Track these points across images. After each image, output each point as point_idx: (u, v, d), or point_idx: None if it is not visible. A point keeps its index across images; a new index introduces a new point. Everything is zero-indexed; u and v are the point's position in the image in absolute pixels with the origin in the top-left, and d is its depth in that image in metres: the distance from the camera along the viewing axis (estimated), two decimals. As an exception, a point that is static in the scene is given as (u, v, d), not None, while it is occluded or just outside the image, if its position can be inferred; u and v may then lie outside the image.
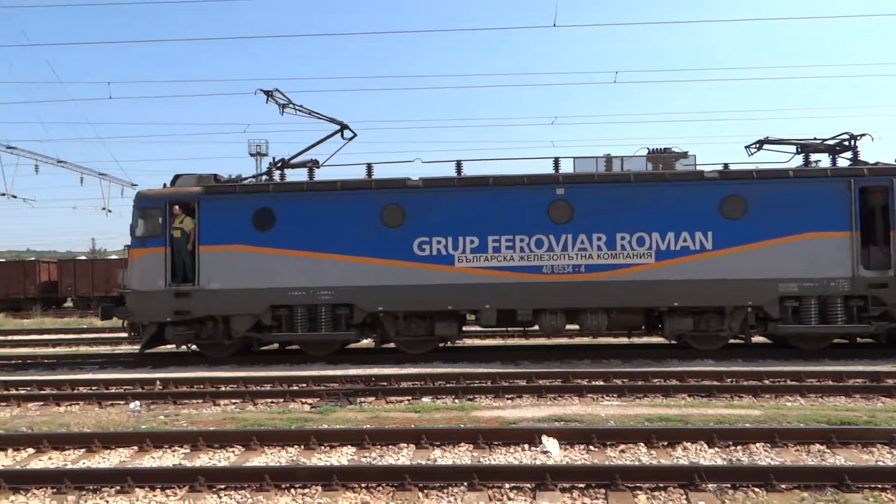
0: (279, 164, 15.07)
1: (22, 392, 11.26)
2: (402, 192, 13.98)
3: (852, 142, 14.23)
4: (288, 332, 14.10)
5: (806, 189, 13.38)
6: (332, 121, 15.17)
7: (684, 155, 14.25)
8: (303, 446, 7.44)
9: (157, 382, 11.62)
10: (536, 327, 14.18)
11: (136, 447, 7.61)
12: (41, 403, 10.59)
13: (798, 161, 14.50)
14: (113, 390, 11.34)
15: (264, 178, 15.08)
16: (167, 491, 6.12)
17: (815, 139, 14.52)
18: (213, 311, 14.13)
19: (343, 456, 7.16)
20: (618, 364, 13.06)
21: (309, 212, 14.05)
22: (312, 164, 14.89)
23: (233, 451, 7.42)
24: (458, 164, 14.27)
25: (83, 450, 7.63)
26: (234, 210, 14.18)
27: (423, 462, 6.77)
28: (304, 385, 11.30)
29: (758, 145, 14.92)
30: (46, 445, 7.71)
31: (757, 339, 14.31)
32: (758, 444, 7.13)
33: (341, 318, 14.01)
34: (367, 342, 15.33)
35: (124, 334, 15.75)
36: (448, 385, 10.85)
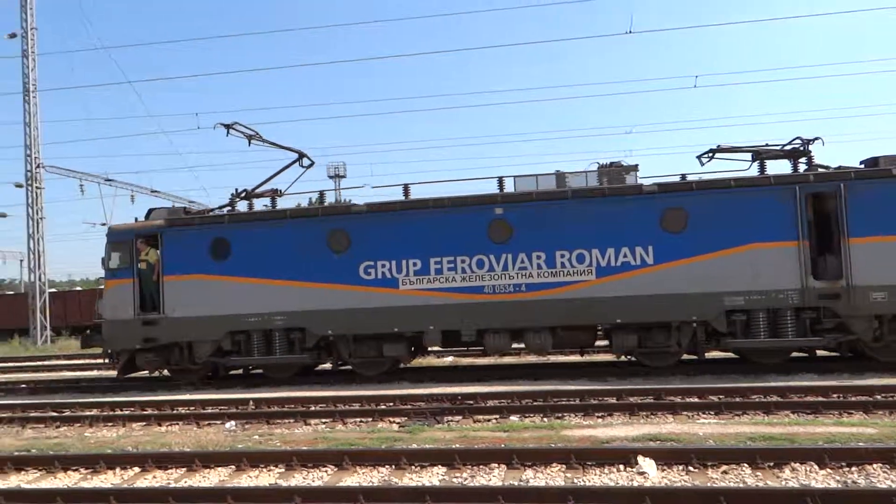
0: (242, 195, 15.71)
1: (126, 413, 11.80)
2: (346, 218, 14.36)
3: (805, 146, 13.74)
4: (245, 357, 14.66)
5: (749, 198, 12.90)
6: (290, 149, 15.82)
7: (634, 168, 14.00)
8: (394, 466, 7.45)
9: (251, 403, 11.95)
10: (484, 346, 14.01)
11: (233, 466, 7.82)
12: (144, 424, 11.06)
13: (756, 169, 13.87)
14: (209, 410, 11.73)
15: (227, 209, 15.69)
16: (265, 510, 6.24)
17: (766, 145, 13.97)
18: (177, 337, 14.83)
19: (434, 476, 7.13)
20: (711, 380, 12.55)
21: (261, 240, 14.57)
22: (273, 194, 15.48)
23: (325, 471, 7.51)
24: (406, 188, 14.53)
25: (184, 469, 7.90)
26: (193, 241, 14.87)
27: (516, 483, 6.66)
28: (392, 404, 11.37)
29: (710, 154, 14.35)
30: (150, 465, 8.02)
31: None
32: (875, 465, 6.67)
33: (295, 342, 14.44)
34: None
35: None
36: (536, 403, 10.68)
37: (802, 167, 13.74)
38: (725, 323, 12.94)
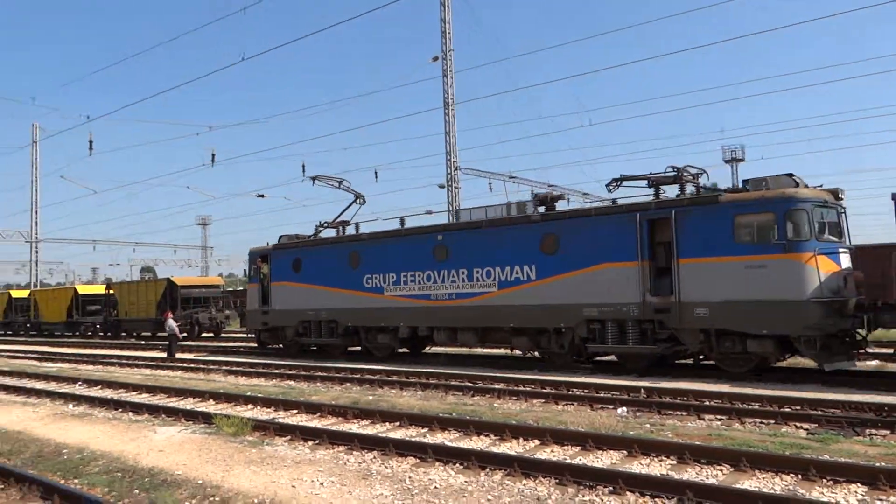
0: (323, 226, 22.32)
1: (527, 389, 12.87)
2: (358, 243, 20.16)
3: (680, 173, 14.87)
4: (309, 338, 21.22)
5: (603, 224, 14.93)
6: (353, 191, 22.44)
7: (561, 196, 17.93)
8: (800, 476, 6.74)
9: (642, 391, 11.98)
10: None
11: (625, 451, 7.94)
12: (543, 401, 11.91)
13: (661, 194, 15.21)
14: (602, 395, 12.10)
15: (310, 236, 22.41)
16: (656, 499, 6.20)
17: (664, 173, 15.06)
18: (277, 323, 22.17)
19: (850, 494, 6.25)
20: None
21: (316, 259, 21.08)
22: (340, 224, 21.79)
23: (720, 470, 7.14)
24: (402, 220, 19.59)
25: (579, 447, 8.29)
26: (283, 259, 22.12)
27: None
28: (798, 407, 10.28)
29: (616, 183, 15.63)
30: (549, 439, 8.61)
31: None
32: None
33: (333, 330, 20.52)
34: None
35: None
36: None
37: (684, 190, 14.98)
38: (586, 330, 15.22)
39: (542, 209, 16.74)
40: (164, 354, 23.31)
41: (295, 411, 11.70)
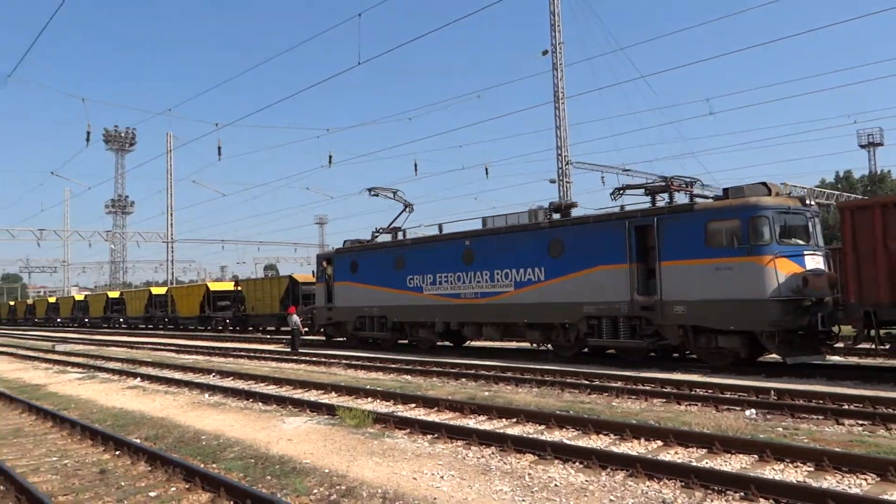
0: (378, 232, 25.15)
1: (647, 388, 12.51)
2: (402, 248, 22.76)
3: (669, 183, 16.60)
4: (365, 332, 23.99)
5: (600, 231, 16.80)
6: (404, 201, 25.28)
7: (574, 204, 18.99)
8: (959, 489, 6.16)
9: (772, 392, 11.36)
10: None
11: (755, 456, 7.56)
12: (664, 400, 11.54)
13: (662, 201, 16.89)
14: (728, 395, 11.57)
15: (366, 241, 25.25)
16: (793, 507, 5.86)
17: (658, 183, 16.99)
18: (339, 318, 25.15)
19: None
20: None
21: (370, 261, 23.83)
22: (395, 230, 24.52)
23: (864, 479, 6.65)
24: (440, 227, 22.55)
25: (704, 450, 7.97)
26: (343, 262, 25.00)
27: None
28: (953, 414, 9.40)
29: (621, 192, 17.47)
30: (672, 440, 8.34)
31: None
32: None
33: (384, 325, 23.09)
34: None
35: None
36: None
37: (669, 199, 16.54)
38: (586, 326, 16.87)
39: (556, 216, 18.75)
40: (288, 348, 24.44)
41: (413, 405, 11.95)
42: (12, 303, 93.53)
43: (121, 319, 56.59)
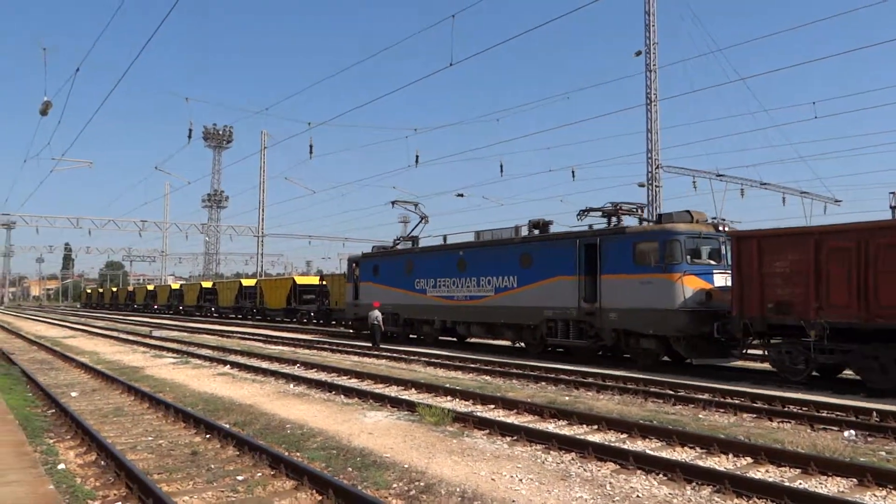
0: (398, 240, 29.36)
1: (737, 402, 12.02)
2: (412, 254, 26.47)
3: (618, 209, 19.89)
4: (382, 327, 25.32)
5: (559, 247, 20.09)
6: (419, 213, 29.28)
7: (551, 222, 22.21)
8: None
9: (874, 414, 10.71)
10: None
11: (854, 480, 7.17)
12: (754, 416, 11.07)
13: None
14: (824, 414, 10.99)
15: (398, 245, 28.82)
16: (897, 537, 5.50)
17: (616, 206, 20.01)
18: (363, 314, 27.50)
19: None
20: None
21: (387, 265, 27.50)
22: (413, 239, 28.47)
23: (979, 512, 6.17)
24: (444, 238, 26.07)
25: (798, 470, 7.60)
26: (367, 265, 28.77)
27: None
28: None
29: (585, 213, 20.40)
30: (763, 458, 7.99)
31: None
32: None
33: (397, 320, 26.45)
34: None
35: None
36: None
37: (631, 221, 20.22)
38: (546, 328, 20.13)
39: (536, 231, 21.93)
40: (369, 343, 24.86)
41: (492, 406, 11.93)
42: (114, 289, 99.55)
43: (212, 309, 59.09)
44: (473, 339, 25.56)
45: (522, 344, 22.06)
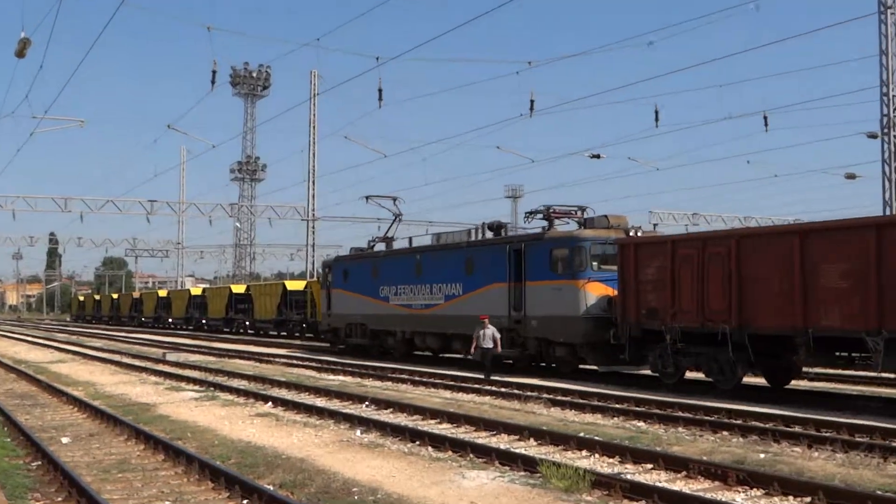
0: (373, 241, 36.12)
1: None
2: (377, 258, 33.87)
3: (548, 212, 26.70)
4: (352, 339, 34.76)
5: (493, 253, 26.84)
6: (392, 212, 37.54)
7: (504, 225, 29.68)
8: None
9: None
10: None
11: None
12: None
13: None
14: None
15: (375, 248, 35.76)
16: None
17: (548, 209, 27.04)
18: (335, 325, 35.94)
19: None
20: None
21: (356, 271, 34.71)
22: (388, 240, 35.53)
23: None
24: (410, 240, 34.17)
25: None
26: (338, 270, 35.94)
27: None
28: None
29: (531, 215, 28.05)
30: None
31: None
32: None
33: (364, 331, 33.92)
34: None
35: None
36: None
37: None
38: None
39: (490, 235, 28.41)
40: (480, 375, 24.88)
41: (650, 465, 11.77)
42: (115, 295, 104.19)
43: (246, 323, 60.71)
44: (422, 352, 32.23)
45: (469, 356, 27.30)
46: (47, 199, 62.86)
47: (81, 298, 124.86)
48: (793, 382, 21.14)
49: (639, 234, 23.92)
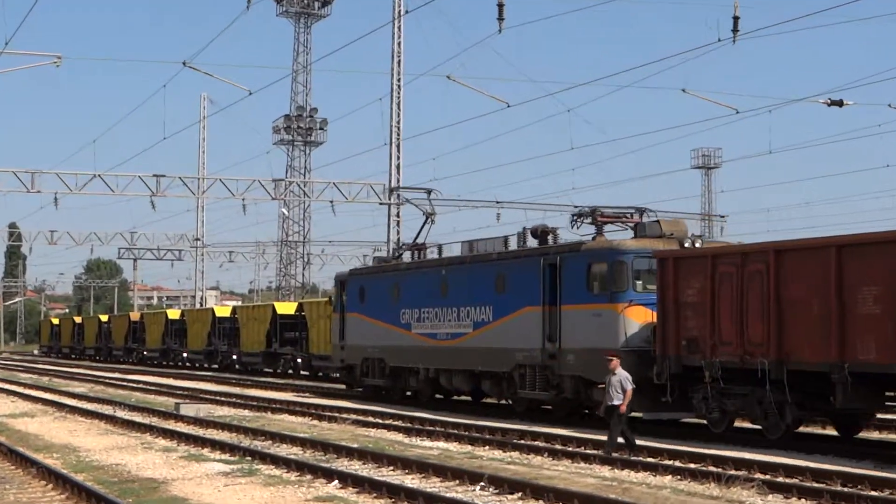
0: (400, 249, 40.84)
1: None
2: (398, 275, 35.61)
3: (595, 215, 28.20)
4: (369, 379, 36.44)
5: (526, 268, 27.68)
6: (423, 210, 38.48)
7: (549, 230, 29.76)
8: None
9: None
10: None
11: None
12: None
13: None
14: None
15: (404, 257, 38.78)
16: None
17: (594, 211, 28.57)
18: (349, 360, 37.71)
19: None
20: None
21: (374, 289, 36.56)
22: (419, 248, 37.09)
23: None
24: (439, 248, 36.28)
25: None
26: (354, 288, 38.11)
27: None
28: None
29: (578, 221, 28.26)
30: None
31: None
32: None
33: (382, 369, 35.76)
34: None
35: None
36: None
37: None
38: (518, 377, 27.92)
39: (535, 243, 28.55)
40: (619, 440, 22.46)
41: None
42: (104, 317, 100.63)
43: (297, 360, 56.68)
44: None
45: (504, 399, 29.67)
46: (6, 174, 56.26)
47: (55, 321, 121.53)
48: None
49: (696, 244, 23.99)
